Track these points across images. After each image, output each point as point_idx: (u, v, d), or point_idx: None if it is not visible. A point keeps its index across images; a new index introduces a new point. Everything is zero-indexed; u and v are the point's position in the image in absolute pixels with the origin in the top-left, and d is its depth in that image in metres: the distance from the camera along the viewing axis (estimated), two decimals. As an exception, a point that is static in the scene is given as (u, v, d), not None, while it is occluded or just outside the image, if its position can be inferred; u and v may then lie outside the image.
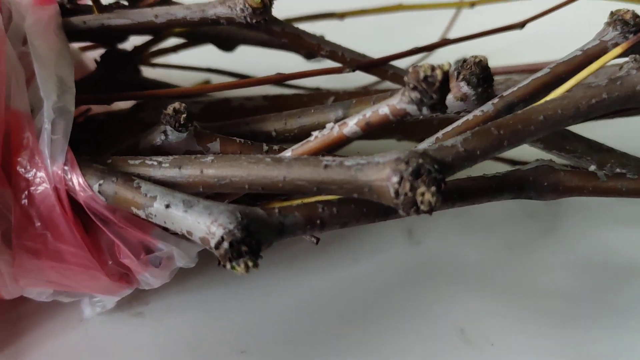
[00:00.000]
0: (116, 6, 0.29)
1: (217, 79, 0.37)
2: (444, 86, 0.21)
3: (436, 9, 0.37)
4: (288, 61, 0.35)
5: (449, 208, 0.25)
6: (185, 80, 0.37)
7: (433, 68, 0.20)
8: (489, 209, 0.35)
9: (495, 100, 0.27)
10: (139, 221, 0.24)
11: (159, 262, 0.26)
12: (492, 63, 0.26)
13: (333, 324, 0.30)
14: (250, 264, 0.21)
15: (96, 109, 0.32)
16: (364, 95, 0.30)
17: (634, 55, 0.24)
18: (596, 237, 0.34)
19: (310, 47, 0.29)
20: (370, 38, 0.42)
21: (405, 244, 0.33)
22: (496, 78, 0.27)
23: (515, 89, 0.27)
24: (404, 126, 0.33)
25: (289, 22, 0.33)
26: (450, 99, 0.27)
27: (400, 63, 0.30)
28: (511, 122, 0.22)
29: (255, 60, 0.38)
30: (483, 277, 0.33)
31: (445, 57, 0.30)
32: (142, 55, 0.32)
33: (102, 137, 0.30)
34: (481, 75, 0.27)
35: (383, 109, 0.22)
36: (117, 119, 0.31)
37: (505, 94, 0.27)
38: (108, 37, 0.31)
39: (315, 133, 0.23)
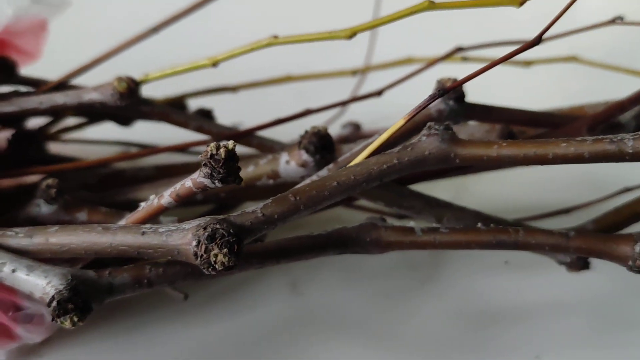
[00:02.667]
0: (14, 94, 0.33)
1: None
2: (230, 162, 0.24)
3: (324, 78, 0.40)
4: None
5: (273, 265, 0.28)
6: (104, 153, 0.41)
7: (218, 147, 0.24)
8: (372, 261, 0.37)
9: (331, 165, 0.30)
10: (3, 282, 0.28)
11: (31, 318, 0.29)
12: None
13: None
14: (75, 319, 0.24)
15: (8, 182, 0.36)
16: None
17: (430, 123, 0.26)
18: (470, 285, 0.37)
19: (179, 123, 0.33)
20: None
21: (288, 295, 0.36)
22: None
23: (348, 154, 0.30)
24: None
25: (182, 98, 0.38)
26: (292, 165, 0.31)
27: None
28: (307, 189, 0.25)
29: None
30: (360, 325, 0.35)
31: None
32: (45, 134, 0.36)
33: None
34: (319, 144, 0.30)
35: (188, 183, 0.25)
36: (23, 191, 0.35)
37: (340, 159, 0.30)
38: (8, 120, 0.35)
39: (142, 204, 0.27)
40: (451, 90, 0.29)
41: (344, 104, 0.34)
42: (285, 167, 0.31)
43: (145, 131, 0.41)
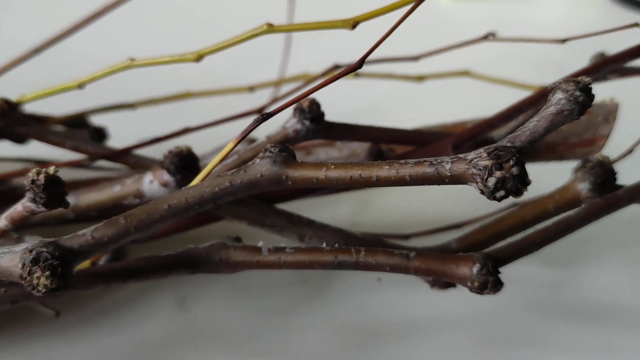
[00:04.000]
0: None
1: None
2: (51, 187, 0.24)
3: (222, 94, 0.40)
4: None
5: (120, 284, 0.28)
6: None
7: (39, 172, 0.24)
8: (263, 276, 0.38)
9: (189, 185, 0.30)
10: None
11: None
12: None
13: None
14: None
15: None
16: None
17: (267, 145, 0.27)
18: (358, 300, 0.37)
19: (56, 143, 0.34)
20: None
21: (175, 310, 0.36)
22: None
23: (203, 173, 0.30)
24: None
25: (82, 115, 0.38)
26: (155, 185, 0.31)
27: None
28: (139, 212, 0.26)
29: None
30: (245, 341, 0.35)
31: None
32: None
33: None
34: (180, 164, 0.31)
35: (19, 207, 0.26)
36: None
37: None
38: None
39: (-15, 225, 0.27)
40: (304, 112, 0.30)
41: (222, 122, 0.34)
42: (149, 187, 0.32)
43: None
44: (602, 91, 0.37)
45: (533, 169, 0.37)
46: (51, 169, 0.24)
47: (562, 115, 0.23)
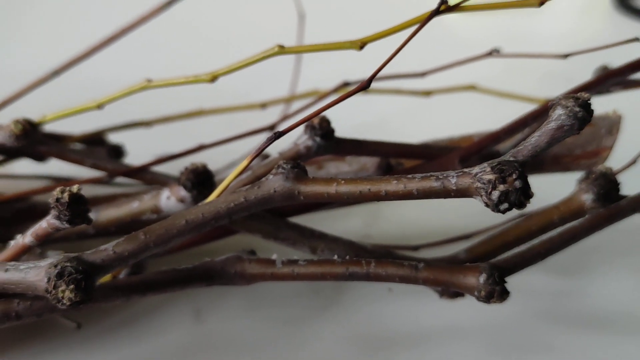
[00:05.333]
0: None
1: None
2: (75, 205, 0.26)
3: (234, 111, 0.42)
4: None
5: (140, 297, 0.29)
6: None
7: (63, 191, 0.26)
8: (277, 287, 0.39)
9: (205, 201, 0.31)
10: None
11: None
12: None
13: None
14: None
15: None
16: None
17: (280, 162, 0.28)
18: (370, 310, 0.38)
19: (76, 161, 0.35)
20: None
21: (192, 322, 0.37)
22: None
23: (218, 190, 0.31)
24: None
25: (100, 133, 0.40)
26: (173, 200, 0.33)
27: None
28: (157, 227, 0.27)
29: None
30: (259, 351, 0.36)
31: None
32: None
33: None
34: (195, 180, 0.32)
35: (44, 224, 0.27)
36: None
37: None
38: None
39: (12, 242, 0.29)
40: (315, 129, 0.31)
41: (235, 139, 0.36)
42: (166, 203, 0.33)
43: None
44: (606, 104, 0.38)
45: (539, 181, 0.39)
46: (75, 187, 0.26)
47: (563, 130, 0.24)
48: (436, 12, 0.26)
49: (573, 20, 0.72)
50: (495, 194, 0.24)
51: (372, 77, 0.26)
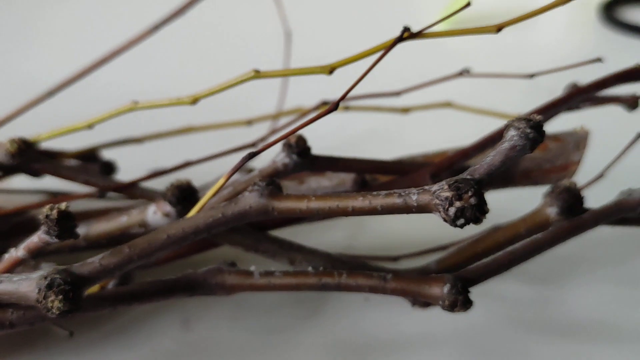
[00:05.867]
0: None
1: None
2: (63, 221, 0.27)
3: (223, 128, 0.44)
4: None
5: (126, 306, 0.31)
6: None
7: (52, 208, 0.27)
8: (263, 298, 0.41)
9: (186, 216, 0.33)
10: None
11: None
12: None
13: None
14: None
15: None
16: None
17: (257, 180, 0.30)
18: (352, 319, 0.39)
19: (69, 177, 0.37)
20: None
21: (180, 331, 0.39)
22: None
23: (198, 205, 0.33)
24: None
25: (94, 149, 0.41)
26: (159, 215, 0.34)
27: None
28: (141, 241, 0.29)
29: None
30: (243, 358, 0.38)
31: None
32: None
33: None
34: (180, 196, 0.34)
35: (35, 238, 0.29)
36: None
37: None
38: None
39: (6, 255, 0.31)
40: (292, 147, 0.33)
41: (220, 155, 0.37)
42: (153, 217, 0.35)
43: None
44: (575, 119, 0.40)
45: (510, 194, 0.40)
46: (63, 205, 0.27)
47: (516, 150, 0.26)
48: (399, 40, 0.28)
49: (560, 33, 0.74)
50: (452, 210, 0.25)
51: (340, 100, 0.28)
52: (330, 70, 0.29)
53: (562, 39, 0.73)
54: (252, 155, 0.28)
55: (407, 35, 0.28)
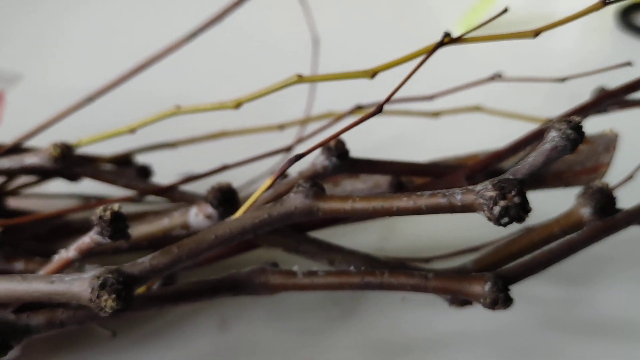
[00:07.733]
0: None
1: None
2: (116, 222, 0.28)
3: (254, 133, 0.44)
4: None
5: (172, 305, 0.32)
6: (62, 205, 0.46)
7: (105, 209, 0.28)
8: (298, 298, 0.42)
9: (232, 217, 0.34)
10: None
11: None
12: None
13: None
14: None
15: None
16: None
17: (300, 181, 0.30)
18: (387, 319, 0.40)
19: (109, 181, 0.38)
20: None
21: (217, 332, 0.40)
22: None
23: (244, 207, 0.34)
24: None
25: (129, 154, 0.42)
26: (200, 217, 0.35)
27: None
28: (189, 242, 0.30)
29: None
30: (280, 358, 0.39)
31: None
32: (3, 191, 0.41)
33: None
34: (222, 198, 0.35)
35: (87, 239, 0.30)
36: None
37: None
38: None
39: (56, 255, 0.31)
40: (331, 150, 0.34)
41: (256, 159, 0.38)
42: (195, 219, 0.35)
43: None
44: (603, 122, 0.40)
45: (542, 195, 0.41)
46: (116, 206, 0.28)
47: (557, 151, 0.26)
48: (440, 44, 0.28)
49: (578, 39, 0.75)
50: (497, 209, 0.26)
51: (384, 103, 0.28)
52: (373, 74, 0.29)
53: (579, 44, 0.74)
54: (298, 158, 0.29)
55: (447, 40, 0.29)
